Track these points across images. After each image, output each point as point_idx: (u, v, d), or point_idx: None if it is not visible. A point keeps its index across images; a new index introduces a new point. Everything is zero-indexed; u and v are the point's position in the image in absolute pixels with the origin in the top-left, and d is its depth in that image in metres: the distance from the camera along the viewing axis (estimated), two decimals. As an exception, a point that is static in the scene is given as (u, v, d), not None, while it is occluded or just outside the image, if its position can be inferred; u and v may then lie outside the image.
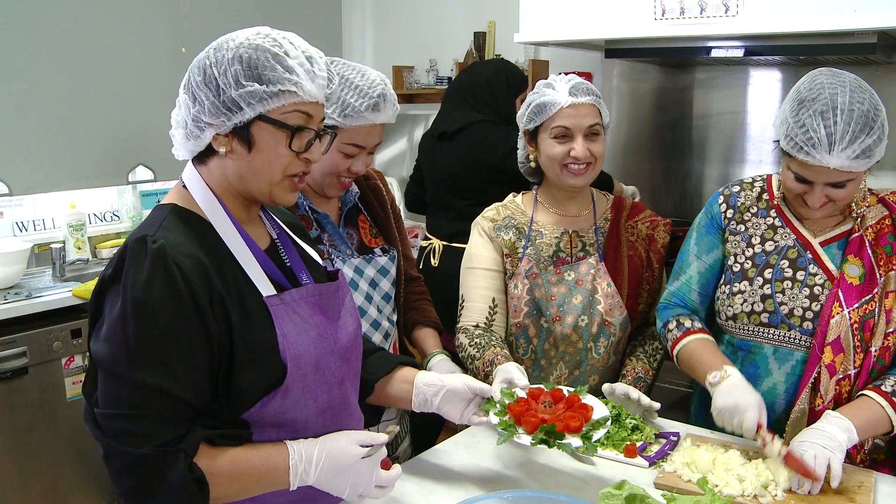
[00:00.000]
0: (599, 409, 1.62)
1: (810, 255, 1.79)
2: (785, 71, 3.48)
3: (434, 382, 1.59)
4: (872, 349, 1.71)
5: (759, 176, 1.95)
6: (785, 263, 1.80)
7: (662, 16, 2.99)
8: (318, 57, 1.31)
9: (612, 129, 4.06)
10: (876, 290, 1.71)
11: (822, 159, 1.60)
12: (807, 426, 1.73)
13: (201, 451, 1.25)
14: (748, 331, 1.82)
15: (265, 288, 1.33)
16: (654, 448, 1.76)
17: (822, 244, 1.79)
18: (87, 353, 3.29)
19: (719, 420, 1.68)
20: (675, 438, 1.80)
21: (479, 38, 4.41)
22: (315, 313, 1.38)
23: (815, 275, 1.77)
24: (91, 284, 3.27)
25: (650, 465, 1.69)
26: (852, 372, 1.71)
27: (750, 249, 1.85)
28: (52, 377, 3.17)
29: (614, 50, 3.35)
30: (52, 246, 3.56)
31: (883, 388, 1.69)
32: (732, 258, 1.88)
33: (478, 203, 2.99)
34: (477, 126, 3.29)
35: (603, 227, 2.11)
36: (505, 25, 4.29)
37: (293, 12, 4.69)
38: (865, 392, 1.70)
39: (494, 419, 1.56)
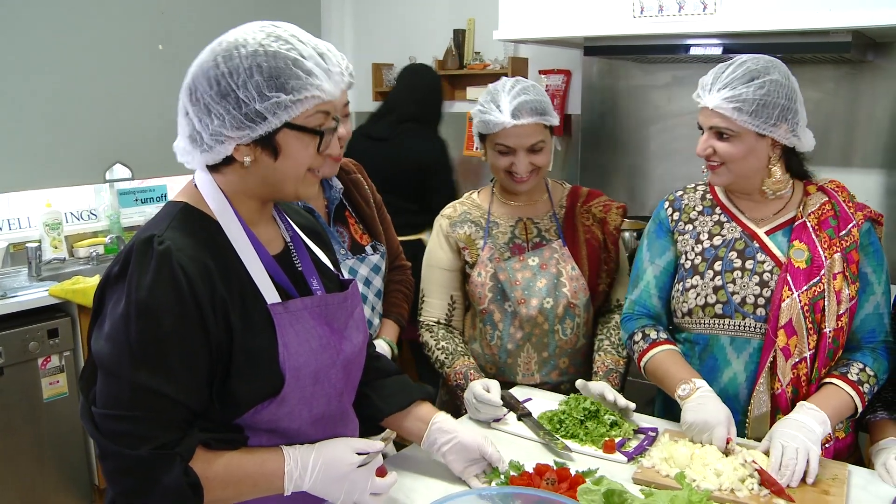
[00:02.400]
0: None
1: (757, 245, 1.83)
2: (762, 69, 3.51)
3: (448, 431, 1.59)
4: (826, 330, 1.75)
5: (701, 182, 2.00)
6: (733, 255, 1.84)
7: (641, 13, 3.01)
8: (327, 51, 1.28)
9: (591, 126, 4.08)
10: (822, 273, 1.76)
11: (703, 97, 1.76)
12: (770, 416, 1.78)
13: (197, 454, 1.25)
14: (704, 324, 1.85)
15: (270, 295, 1.31)
16: (633, 444, 1.78)
17: (767, 233, 1.84)
18: (71, 353, 3.27)
19: (688, 434, 1.71)
20: (653, 434, 1.81)
21: (459, 36, 4.42)
22: (319, 324, 1.36)
23: (763, 262, 1.81)
24: (68, 284, 3.25)
25: (628, 461, 1.70)
26: (808, 354, 1.75)
27: (699, 245, 1.89)
28: (29, 378, 3.14)
29: (593, 47, 3.37)
30: (27, 245, 3.53)
31: (849, 376, 1.74)
32: (683, 256, 1.91)
33: (414, 200, 3.27)
34: (415, 129, 3.66)
35: (559, 214, 2.17)
36: (484, 23, 4.30)
37: (271, 10, 4.66)
38: (833, 381, 1.74)
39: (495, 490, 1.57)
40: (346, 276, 1.90)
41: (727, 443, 1.64)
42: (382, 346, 2.02)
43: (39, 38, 3.70)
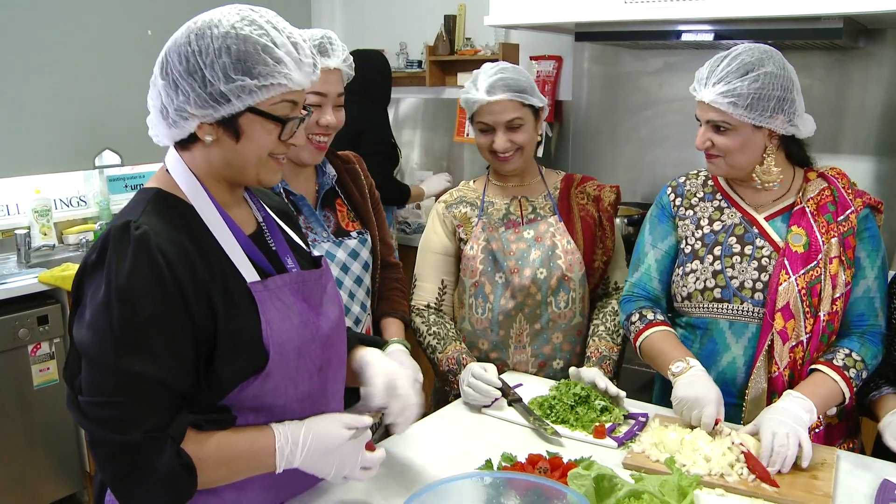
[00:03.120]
0: None
1: (756, 230, 1.85)
2: (753, 55, 3.51)
3: (361, 372, 1.54)
4: (821, 314, 1.77)
5: (704, 169, 2.00)
6: (733, 240, 1.86)
7: (632, -1, 3.00)
8: (301, 42, 1.29)
9: (583, 112, 4.08)
10: (820, 257, 1.78)
11: (699, 92, 1.78)
12: (766, 399, 1.79)
13: (188, 436, 1.25)
14: (703, 308, 1.87)
15: (249, 274, 1.32)
16: (623, 429, 1.78)
17: (766, 219, 1.86)
18: (61, 339, 3.27)
19: (678, 410, 1.72)
20: (643, 419, 1.82)
21: (450, 22, 4.39)
22: (298, 300, 1.38)
23: (761, 247, 1.83)
24: (58, 271, 3.23)
25: (619, 446, 1.71)
26: (804, 338, 1.77)
27: (699, 231, 1.92)
28: (19, 365, 3.13)
29: (584, 33, 3.36)
30: (16, 232, 3.52)
31: (835, 361, 1.75)
32: (684, 241, 1.94)
33: None
34: (359, 101, 3.75)
35: (554, 194, 2.20)
36: (475, 8, 4.28)
37: (262, -6, 4.64)
38: (819, 367, 1.76)
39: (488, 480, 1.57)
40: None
41: (716, 423, 1.65)
42: (399, 349, 2.01)
43: (28, 24, 3.66)
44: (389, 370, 1.52)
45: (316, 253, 1.80)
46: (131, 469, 1.20)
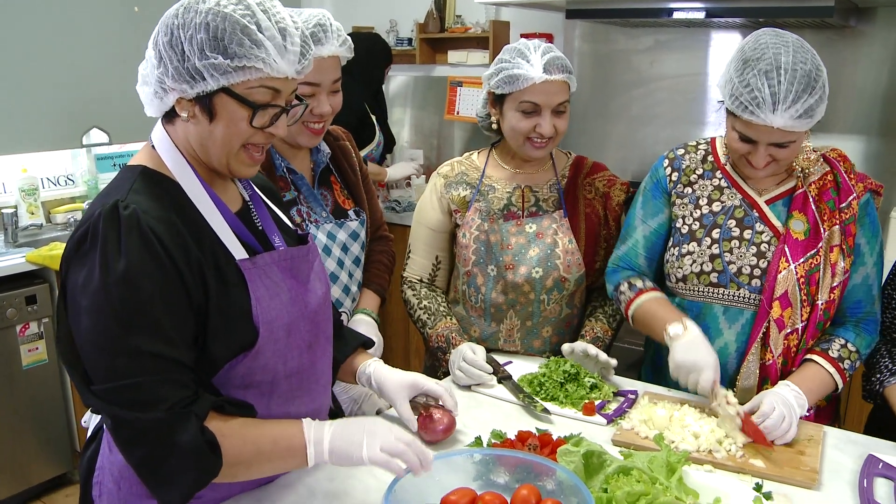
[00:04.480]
0: None
1: (756, 214, 1.81)
2: (745, 33, 3.50)
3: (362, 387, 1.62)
4: (819, 302, 1.75)
5: (703, 139, 1.96)
6: (732, 223, 1.82)
7: (624, -24, 2.99)
8: (293, 29, 1.26)
9: (573, 90, 4.05)
10: (820, 245, 1.74)
11: (766, 118, 1.60)
12: (758, 387, 1.78)
13: (211, 415, 1.25)
14: (698, 291, 1.84)
15: (237, 251, 1.31)
16: (613, 406, 1.79)
17: (767, 202, 1.81)
18: (50, 319, 3.24)
19: (675, 374, 1.70)
20: (632, 396, 1.83)
21: (440, -1, 4.36)
22: (286, 277, 1.37)
23: (761, 233, 1.79)
24: (45, 250, 3.21)
25: (608, 423, 1.72)
26: (800, 326, 1.76)
27: (697, 211, 1.86)
28: (7, 345, 3.12)
29: (576, 10, 3.34)
30: (3, 211, 3.49)
31: (830, 353, 1.74)
32: (680, 220, 1.89)
33: None
34: (345, 81, 3.85)
35: (562, 184, 2.12)
36: (466, -15, 4.25)
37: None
38: (814, 358, 1.75)
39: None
40: (325, 240, 1.90)
41: (713, 389, 1.64)
42: (364, 319, 2.01)
43: (14, 2, 3.62)
44: (406, 381, 1.60)
45: (319, 234, 1.78)
46: (157, 447, 1.20)
